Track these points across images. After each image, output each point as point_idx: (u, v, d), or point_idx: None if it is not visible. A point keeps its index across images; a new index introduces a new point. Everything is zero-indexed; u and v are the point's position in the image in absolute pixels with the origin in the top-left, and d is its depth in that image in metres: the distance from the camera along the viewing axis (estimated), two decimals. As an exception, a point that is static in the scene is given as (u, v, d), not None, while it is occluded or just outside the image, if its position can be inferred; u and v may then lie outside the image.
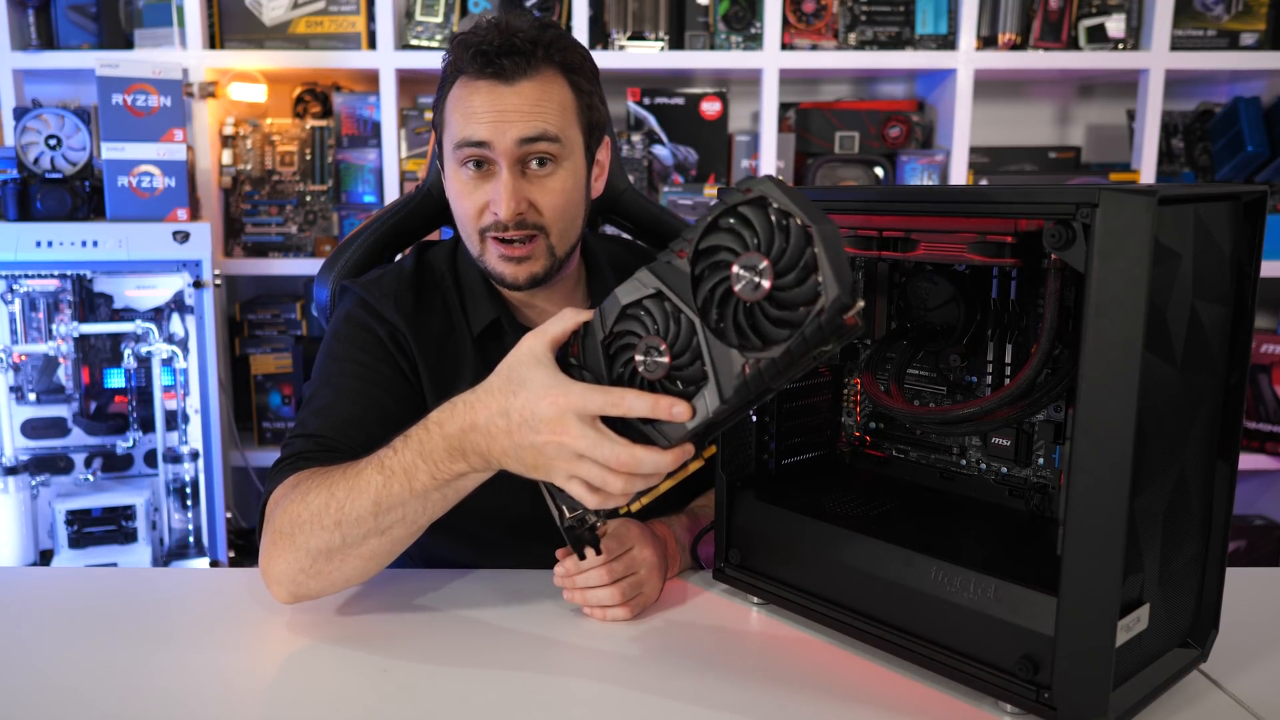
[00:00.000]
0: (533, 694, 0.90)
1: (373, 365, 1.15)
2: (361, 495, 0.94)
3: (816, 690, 0.90)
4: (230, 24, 2.48)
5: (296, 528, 0.97)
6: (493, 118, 1.10)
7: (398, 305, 1.18)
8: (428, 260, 1.26)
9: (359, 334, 1.17)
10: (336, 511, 0.95)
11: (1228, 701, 0.88)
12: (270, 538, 1.00)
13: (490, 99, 1.11)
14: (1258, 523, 2.71)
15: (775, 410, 1.09)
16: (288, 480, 1.03)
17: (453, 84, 1.14)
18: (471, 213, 1.15)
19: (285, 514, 0.98)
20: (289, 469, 1.05)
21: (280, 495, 1.01)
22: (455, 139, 1.13)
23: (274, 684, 0.94)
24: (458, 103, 1.13)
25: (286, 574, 0.99)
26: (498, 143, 1.10)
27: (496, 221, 1.13)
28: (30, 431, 2.17)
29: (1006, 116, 2.78)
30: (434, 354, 1.18)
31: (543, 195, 1.13)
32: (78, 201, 2.13)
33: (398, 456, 0.93)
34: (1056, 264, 0.83)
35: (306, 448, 1.08)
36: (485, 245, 1.16)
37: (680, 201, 2.54)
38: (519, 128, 1.10)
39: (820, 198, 1.05)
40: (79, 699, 0.89)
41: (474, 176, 1.13)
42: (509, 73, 1.10)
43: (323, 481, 0.97)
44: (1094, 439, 0.75)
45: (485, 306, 1.20)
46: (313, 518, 0.96)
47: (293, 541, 0.97)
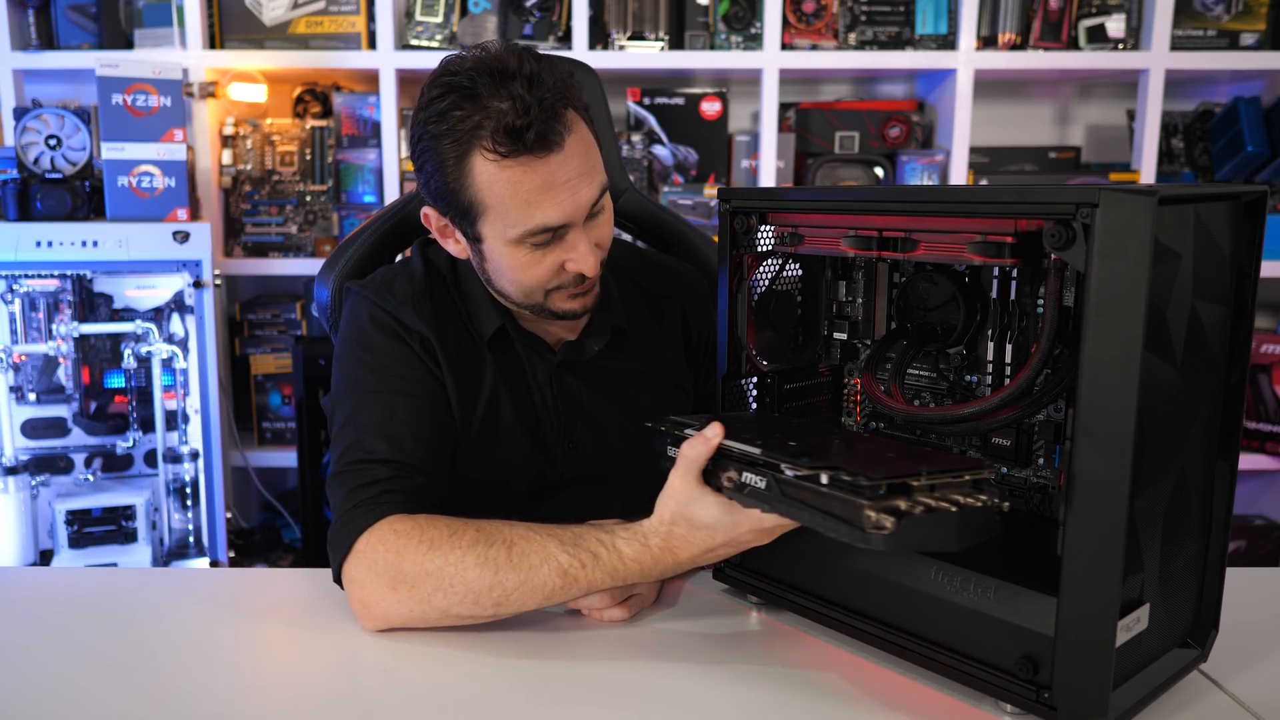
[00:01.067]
0: (532, 694, 0.90)
1: (416, 378, 1.13)
2: (534, 593, 0.97)
3: (816, 690, 0.90)
4: (230, 24, 2.48)
5: (439, 590, 0.97)
6: (564, 194, 1.04)
7: (418, 312, 1.15)
8: (432, 260, 1.23)
9: (390, 344, 1.14)
10: (501, 597, 0.97)
11: (1228, 701, 0.88)
12: (387, 581, 0.98)
13: (549, 175, 1.03)
14: (1258, 523, 2.71)
15: (775, 410, 1.09)
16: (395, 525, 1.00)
17: (468, 158, 1.03)
18: (543, 280, 1.10)
19: (414, 567, 0.97)
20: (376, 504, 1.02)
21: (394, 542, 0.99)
22: (522, 226, 1.05)
23: (274, 684, 0.94)
24: (507, 186, 1.03)
25: (399, 618, 0.99)
26: (576, 219, 1.06)
27: (577, 277, 1.10)
28: (30, 431, 2.17)
29: (1006, 116, 2.78)
30: (456, 357, 1.16)
31: (601, 233, 1.12)
32: (78, 201, 2.13)
33: (586, 573, 0.97)
34: (1056, 264, 0.83)
35: (382, 475, 1.05)
36: (551, 298, 1.13)
37: (680, 201, 2.54)
38: (587, 193, 1.06)
39: (820, 198, 1.05)
40: (79, 699, 0.89)
41: (542, 250, 1.08)
42: (560, 138, 1.02)
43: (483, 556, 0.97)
44: (1094, 439, 0.75)
45: (490, 314, 1.18)
46: (469, 593, 0.97)
47: (427, 601, 0.97)
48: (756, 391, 1.09)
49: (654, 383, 1.27)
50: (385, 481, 1.04)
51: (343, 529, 1.02)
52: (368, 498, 1.03)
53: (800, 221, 1.00)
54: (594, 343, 1.22)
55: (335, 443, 1.10)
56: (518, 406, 1.18)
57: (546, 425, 1.20)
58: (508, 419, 1.18)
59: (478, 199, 1.05)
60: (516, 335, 1.19)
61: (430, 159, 1.06)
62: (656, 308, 1.30)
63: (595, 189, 1.07)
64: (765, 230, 1.03)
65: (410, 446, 1.08)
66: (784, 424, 1.02)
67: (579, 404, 1.21)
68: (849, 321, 1.09)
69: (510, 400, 1.18)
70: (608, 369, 1.23)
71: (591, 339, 1.22)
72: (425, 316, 1.15)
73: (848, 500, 0.77)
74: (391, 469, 1.06)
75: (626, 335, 1.24)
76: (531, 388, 1.20)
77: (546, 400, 1.20)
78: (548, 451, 1.20)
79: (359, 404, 1.11)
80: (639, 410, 1.24)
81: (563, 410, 1.20)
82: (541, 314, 1.16)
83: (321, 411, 2.50)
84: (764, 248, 1.04)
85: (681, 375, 1.30)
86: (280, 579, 1.19)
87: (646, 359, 1.26)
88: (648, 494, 1.27)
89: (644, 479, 1.27)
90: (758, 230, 1.02)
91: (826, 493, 0.79)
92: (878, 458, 0.84)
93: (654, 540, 0.97)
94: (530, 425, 1.19)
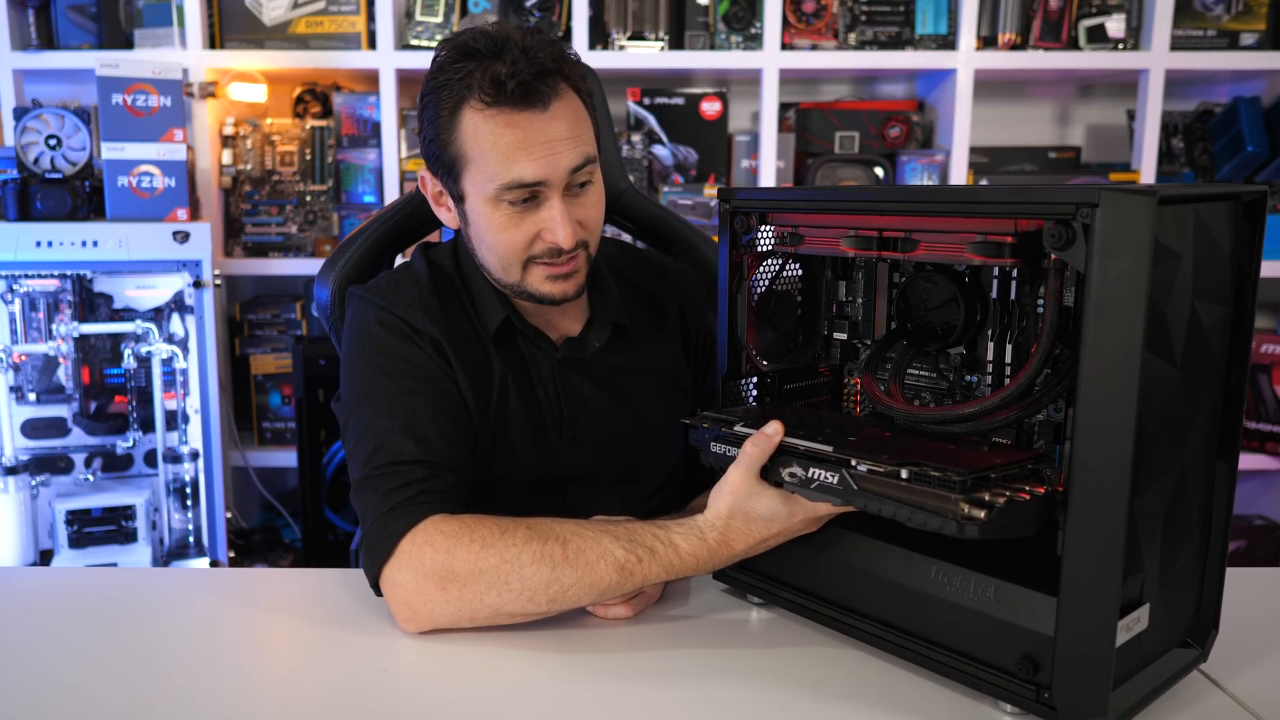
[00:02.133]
0: (534, 693, 0.90)
1: (432, 379, 1.12)
2: (590, 589, 0.98)
3: (816, 690, 0.90)
4: (230, 24, 2.48)
5: (493, 588, 0.97)
6: (542, 152, 1.05)
7: (427, 314, 1.15)
8: (434, 261, 1.23)
9: (403, 346, 1.13)
10: (557, 593, 0.97)
11: (1228, 701, 0.88)
12: (438, 583, 0.97)
13: (531, 132, 1.05)
14: (1258, 523, 2.71)
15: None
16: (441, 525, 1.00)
17: (460, 111, 1.06)
18: (519, 245, 1.10)
19: (466, 566, 0.97)
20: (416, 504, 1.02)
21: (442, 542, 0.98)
22: (499, 180, 1.06)
23: (274, 684, 0.94)
24: (489, 137, 1.05)
25: (447, 618, 0.99)
26: (552, 178, 1.07)
27: (551, 249, 1.10)
28: (30, 431, 2.17)
29: (1006, 116, 2.78)
30: (466, 356, 1.16)
31: (586, 213, 1.12)
32: (78, 201, 2.13)
33: (642, 568, 0.98)
34: (1056, 264, 0.83)
35: (420, 474, 1.04)
36: (529, 271, 1.13)
37: (680, 201, 2.54)
38: (568, 157, 1.07)
39: (820, 198, 1.05)
40: (79, 699, 0.89)
41: (518, 210, 1.09)
42: (545, 98, 1.05)
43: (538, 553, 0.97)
44: (1094, 439, 0.75)
45: (494, 307, 1.19)
46: (525, 590, 0.97)
47: (480, 599, 0.97)
48: (756, 391, 1.09)
49: (654, 380, 1.27)
50: (421, 482, 1.04)
51: (382, 532, 1.01)
52: (405, 499, 1.02)
53: (800, 221, 1.00)
54: (595, 338, 1.22)
55: (357, 448, 1.08)
56: (524, 401, 1.19)
57: (550, 421, 1.20)
58: (515, 414, 1.18)
59: (462, 152, 1.08)
60: (521, 328, 1.20)
61: (429, 114, 1.10)
62: (655, 307, 1.30)
63: (577, 156, 1.08)
64: (765, 230, 1.03)
65: (438, 446, 1.07)
66: (819, 417, 1.04)
67: (581, 400, 1.21)
68: (849, 321, 1.09)
69: (517, 395, 1.18)
70: (609, 366, 1.23)
71: (593, 334, 1.22)
72: (434, 318, 1.15)
73: (939, 495, 0.82)
74: (425, 469, 1.05)
75: (627, 332, 1.24)
76: (535, 382, 1.20)
77: (549, 395, 1.20)
78: (550, 447, 1.20)
79: (378, 407, 1.09)
80: (639, 408, 1.24)
81: (565, 406, 1.20)
82: (522, 295, 1.16)
83: (321, 412, 2.50)
84: (764, 248, 1.04)
85: (680, 373, 1.30)
86: (280, 579, 1.20)
87: (646, 357, 1.26)
88: (645, 492, 1.27)
89: (643, 476, 1.27)
90: (758, 230, 1.02)
91: (911, 487, 0.84)
92: (943, 452, 0.88)
93: (711, 534, 0.98)
94: (535, 420, 1.19)
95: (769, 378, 1.09)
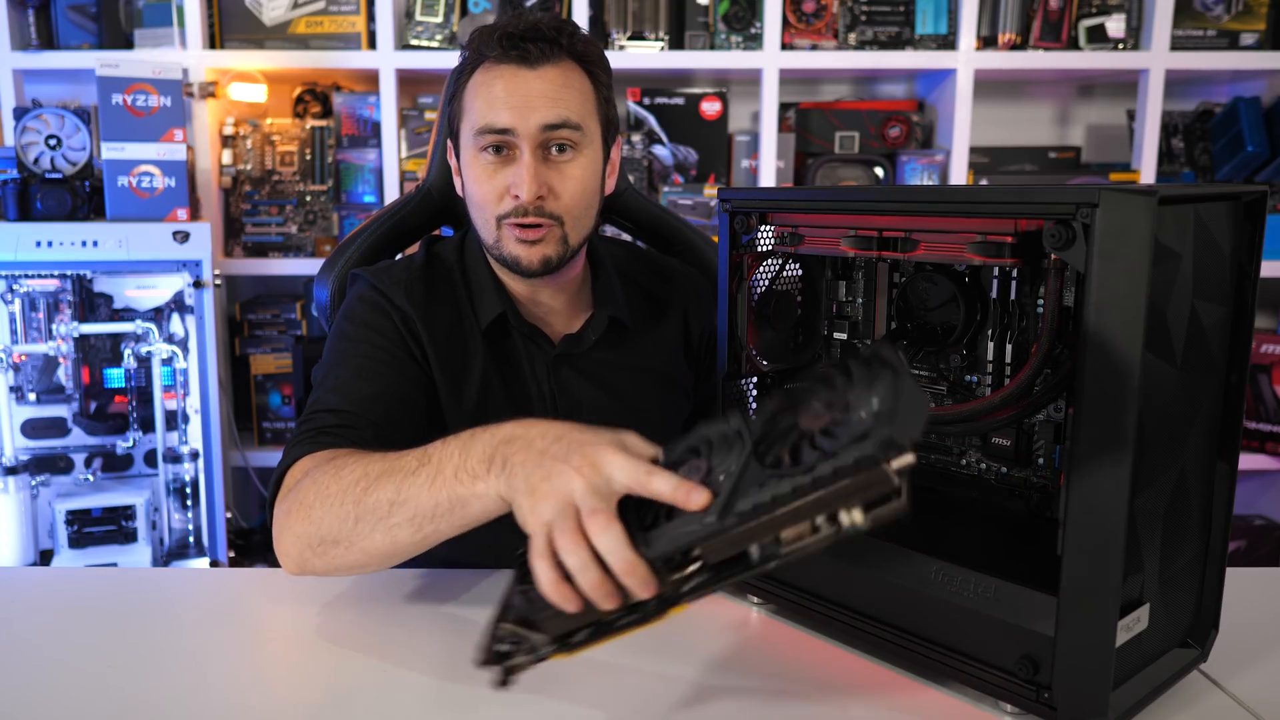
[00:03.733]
0: (532, 694, 0.90)
1: (387, 347, 1.15)
2: (391, 477, 0.88)
3: (816, 690, 0.90)
4: (230, 24, 2.48)
5: (319, 500, 0.93)
6: (517, 102, 1.10)
7: (408, 294, 1.18)
8: (436, 253, 1.26)
9: (372, 315, 1.17)
10: (362, 489, 0.89)
11: (1228, 701, 0.88)
12: (287, 506, 0.97)
13: (514, 84, 1.11)
14: (1258, 523, 2.71)
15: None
16: (319, 454, 1.00)
17: (473, 73, 1.15)
18: (491, 198, 1.14)
19: (313, 485, 0.94)
20: (309, 442, 1.03)
21: (309, 466, 0.99)
22: (476, 125, 1.12)
23: (274, 685, 0.94)
24: (479, 89, 1.13)
25: (295, 546, 0.96)
26: (521, 128, 1.11)
27: (517, 206, 1.12)
28: (30, 431, 2.17)
29: (1006, 116, 2.78)
30: (444, 344, 1.18)
31: (561, 182, 1.13)
32: (78, 201, 2.13)
33: (444, 446, 0.87)
34: (1056, 264, 0.83)
35: (327, 422, 1.06)
36: (502, 231, 1.15)
37: (680, 201, 2.54)
38: (542, 113, 1.11)
39: (820, 198, 1.05)
40: (79, 699, 0.89)
41: (494, 162, 1.13)
42: (533, 58, 1.10)
43: (362, 459, 0.94)
44: (1094, 439, 0.75)
45: (492, 300, 1.20)
46: (341, 492, 0.91)
47: (308, 514, 0.93)
48: (756, 391, 1.09)
49: (651, 379, 1.27)
50: (328, 427, 1.05)
51: (277, 468, 1.03)
52: (305, 437, 1.04)
53: (800, 221, 1.00)
54: (593, 331, 1.22)
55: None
56: (511, 397, 1.19)
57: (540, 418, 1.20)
58: (500, 409, 1.18)
59: (461, 105, 1.16)
60: (516, 324, 1.20)
61: (451, 85, 1.20)
62: (658, 308, 1.30)
63: (552, 115, 1.11)
64: (765, 230, 1.03)
65: (365, 404, 1.09)
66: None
67: (575, 397, 1.22)
68: (849, 321, 1.09)
69: (503, 390, 1.18)
70: (606, 363, 1.23)
71: (590, 328, 1.22)
72: (415, 299, 1.18)
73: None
74: (337, 418, 1.07)
75: (626, 329, 1.24)
76: (528, 379, 1.20)
77: (543, 392, 1.20)
78: None
79: (331, 369, 1.14)
80: (635, 406, 1.24)
81: (559, 403, 1.21)
82: (500, 260, 1.18)
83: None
84: (764, 248, 1.04)
85: (680, 374, 1.30)
86: (280, 579, 1.19)
87: (645, 356, 1.26)
88: None
89: None
90: (758, 230, 1.02)
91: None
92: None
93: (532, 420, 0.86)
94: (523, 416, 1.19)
95: (769, 378, 1.09)
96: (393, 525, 0.88)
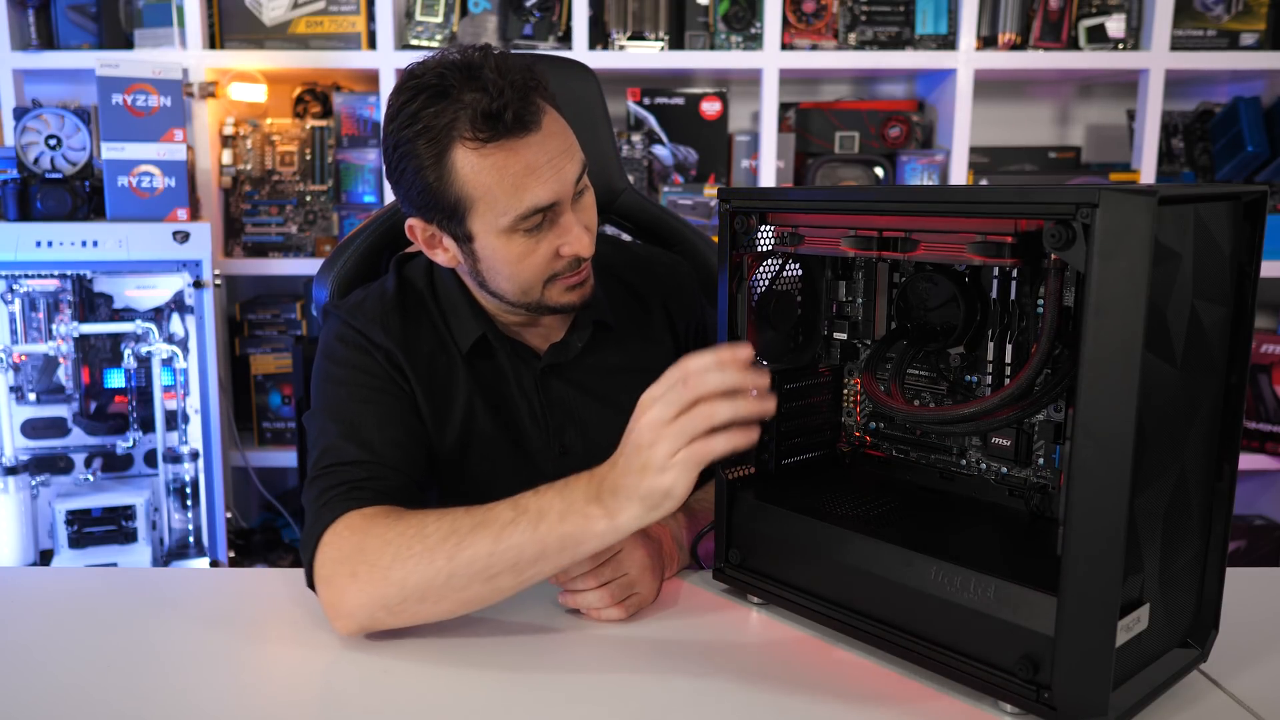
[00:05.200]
0: (532, 694, 0.90)
1: (383, 387, 1.12)
2: (485, 530, 0.91)
3: (816, 690, 0.90)
4: (230, 24, 2.48)
5: (397, 559, 0.93)
6: (549, 173, 1.04)
7: (385, 329, 1.14)
8: (407, 278, 1.22)
9: (356, 356, 1.14)
10: (454, 546, 0.91)
11: (1228, 701, 0.88)
12: (350, 570, 0.95)
13: (535, 154, 1.03)
14: (1258, 523, 2.71)
15: (775, 410, 1.09)
16: (364, 511, 0.98)
17: (449, 153, 1.03)
18: (540, 267, 1.09)
19: (385, 546, 0.94)
20: (344, 499, 1.00)
21: (359, 525, 0.97)
22: (513, 212, 1.04)
23: (274, 685, 0.94)
24: (496, 174, 1.03)
25: (364, 608, 0.95)
26: (563, 194, 1.06)
27: (572, 260, 1.10)
28: (30, 431, 2.17)
29: (1006, 116, 2.78)
30: (426, 372, 1.16)
31: (589, 216, 1.12)
32: (78, 201, 2.13)
33: (537, 498, 0.91)
34: (1056, 264, 0.83)
35: (355, 476, 1.03)
36: (548, 288, 1.12)
37: (680, 201, 2.54)
38: (571, 169, 1.06)
39: (820, 198, 1.05)
40: (79, 699, 0.89)
41: (534, 235, 1.07)
42: (529, 121, 1.03)
43: (441, 516, 0.94)
44: (1094, 439, 0.75)
45: (470, 324, 1.18)
46: (427, 551, 0.92)
47: (385, 575, 0.93)
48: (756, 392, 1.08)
49: (643, 379, 1.26)
50: (359, 481, 1.03)
51: (312, 527, 1.00)
52: (338, 495, 1.01)
53: (800, 221, 1.00)
54: (578, 339, 1.21)
55: (310, 455, 1.09)
56: (497, 417, 1.18)
57: (533, 434, 1.19)
58: (486, 431, 1.17)
59: (463, 193, 1.04)
60: (499, 344, 1.19)
61: (409, 165, 1.05)
62: (641, 303, 1.28)
63: (578, 166, 1.08)
64: (765, 230, 1.03)
65: (382, 449, 1.07)
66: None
67: (567, 408, 1.21)
68: (849, 321, 1.09)
69: (488, 412, 1.17)
70: (595, 369, 1.22)
71: (576, 335, 1.21)
72: (393, 333, 1.14)
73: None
74: (365, 469, 1.04)
75: (612, 330, 1.23)
76: (515, 397, 1.19)
77: (533, 407, 1.19)
78: (534, 461, 1.19)
79: (328, 414, 1.10)
80: (628, 410, 1.23)
81: (551, 417, 1.20)
82: (539, 311, 1.15)
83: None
84: (764, 248, 1.04)
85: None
86: (280, 579, 1.19)
87: (634, 356, 1.24)
88: None
89: None
90: (758, 230, 1.02)
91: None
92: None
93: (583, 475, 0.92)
94: (513, 436, 1.18)
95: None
96: (494, 574, 0.92)
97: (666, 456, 0.85)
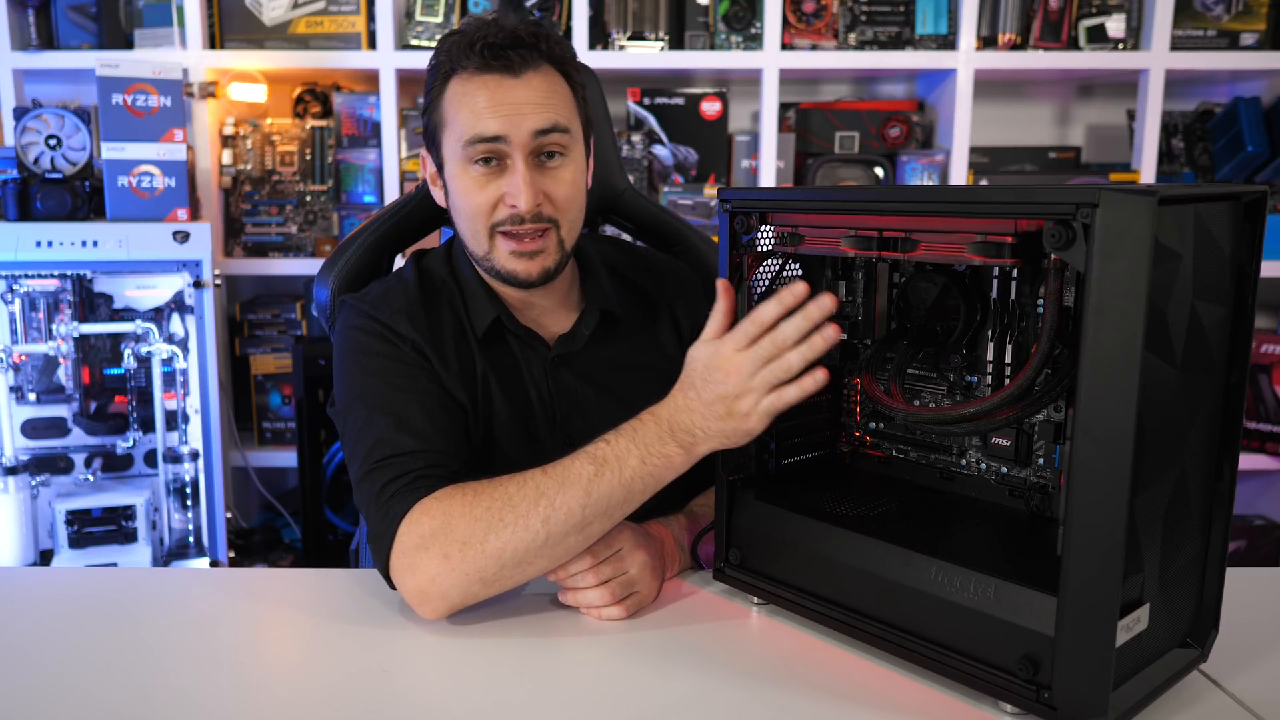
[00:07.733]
0: (532, 693, 0.90)
1: (417, 376, 1.14)
2: (572, 487, 0.97)
3: (816, 690, 0.90)
4: (230, 24, 2.48)
5: (492, 532, 0.97)
6: (506, 111, 1.10)
7: (411, 321, 1.16)
8: (427, 268, 1.24)
9: (383, 346, 1.15)
10: (546, 507, 0.97)
11: (1228, 701, 0.88)
12: (441, 551, 0.97)
13: (500, 92, 1.10)
14: (1258, 523, 2.71)
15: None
16: (439, 494, 1.01)
17: (447, 82, 1.13)
18: (483, 208, 1.13)
19: (475, 522, 0.97)
20: (411, 489, 1.02)
21: (439, 507, 0.99)
22: (464, 135, 1.11)
23: (274, 685, 0.94)
24: (462, 99, 1.12)
25: (458, 586, 0.98)
26: (513, 135, 1.10)
27: (513, 214, 1.12)
28: (30, 431, 2.17)
29: (1006, 116, 2.78)
30: (452, 359, 1.17)
31: (555, 187, 1.13)
32: (78, 201, 2.13)
33: (610, 446, 0.99)
34: (1056, 264, 0.83)
35: (416, 465, 1.05)
36: (495, 243, 1.15)
37: (680, 201, 2.54)
38: (533, 120, 1.10)
39: (820, 198, 1.05)
40: (79, 699, 0.89)
41: (485, 172, 1.12)
42: (516, 66, 1.10)
43: (522, 481, 0.99)
44: (1094, 439, 0.75)
45: (485, 306, 1.20)
46: (520, 517, 0.97)
47: (480, 549, 0.97)
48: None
49: (649, 376, 1.26)
50: (420, 470, 1.05)
51: (383, 520, 1.02)
52: (403, 485, 1.03)
53: (800, 221, 1.00)
54: (585, 327, 1.22)
55: (355, 449, 1.09)
56: (510, 401, 1.19)
57: (541, 420, 1.20)
58: (500, 413, 1.18)
59: (441, 118, 1.15)
60: (511, 327, 1.20)
61: (426, 94, 1.18)
62: (648, 303, 1.30)
63: (543, 120, 1.11)
64: (765, 230, 1.03)
65: (434, 438, 1.08)
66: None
67: (574, 398, 1.21)
68: (849, 321, 1.09)
69: (502, 394, 1.18)
70: (603, 361, 1.23)
71: (582, 324, 1.23)
72: (418, 325, 1.16)
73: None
74: (424, 459, 1.06)
75: (619, 322, 1.24)
76: (526, 382, 1.20)
77: (542, 394, 1.20)
78: (542, 447, 1.20)
79: (371, 407, 1.11)
80: (634, 404, 1.23)
81: (558, 405, 1.20)
82: (495, 276, 1.18)
83: (322, 412, 2.50)
84: (764, 248, 1.04)
85: (678, 370, 1.30)
86: (280, 579, 1.19)
87: (641, 353, 1.26)
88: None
89: None
90: (758, 230, 1.02)
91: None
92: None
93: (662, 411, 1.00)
94: (524, 420, 1.20)
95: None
96: (587, 523, 0.99)
97: (753, 406, 0.95)
